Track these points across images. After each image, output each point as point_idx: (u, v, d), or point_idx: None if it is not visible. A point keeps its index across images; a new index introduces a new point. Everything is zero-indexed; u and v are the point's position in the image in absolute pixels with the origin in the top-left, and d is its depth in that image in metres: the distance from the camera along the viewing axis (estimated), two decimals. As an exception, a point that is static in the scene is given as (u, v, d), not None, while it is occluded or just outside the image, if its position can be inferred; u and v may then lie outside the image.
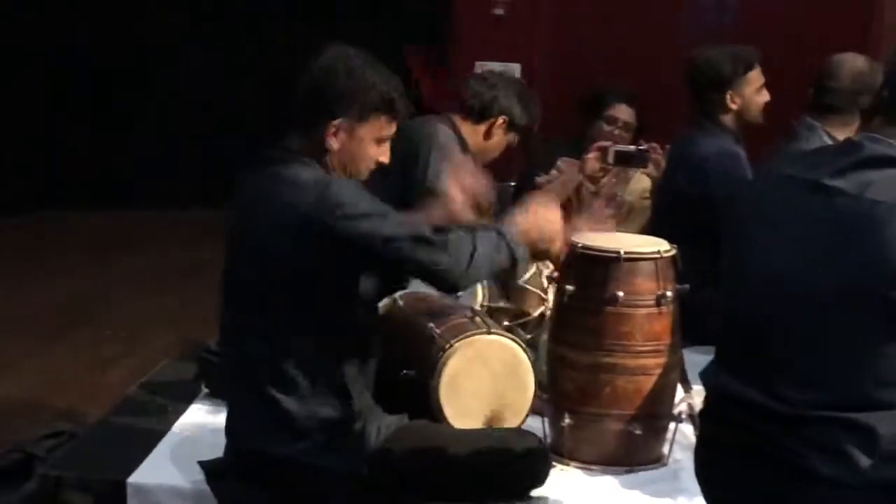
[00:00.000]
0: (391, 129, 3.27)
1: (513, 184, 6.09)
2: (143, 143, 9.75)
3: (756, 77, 5.13)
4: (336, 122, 3.17)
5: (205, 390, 4.27)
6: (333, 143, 3.18)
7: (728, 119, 5.16)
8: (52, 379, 5.40)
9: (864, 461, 2.52)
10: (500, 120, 4.72)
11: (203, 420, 4.06)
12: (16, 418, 4.87)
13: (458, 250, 3.10)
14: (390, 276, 3.57)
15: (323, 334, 3.20)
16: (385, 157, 3.28)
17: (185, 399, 4.23)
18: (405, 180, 4.37)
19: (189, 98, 9.77)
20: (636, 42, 8.36)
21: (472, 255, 3.12)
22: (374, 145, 3.24)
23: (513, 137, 4.82)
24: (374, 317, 3.53)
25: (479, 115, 4.72)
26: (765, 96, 5.15)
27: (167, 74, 9.72)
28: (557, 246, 3.40)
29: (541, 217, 3.36)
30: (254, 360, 3.22)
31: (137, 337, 6.11)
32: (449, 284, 3.24)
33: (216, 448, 3.47)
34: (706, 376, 2.89)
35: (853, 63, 4.82)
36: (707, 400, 2.98)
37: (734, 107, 5.13)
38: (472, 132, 4.71)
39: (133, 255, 8.02)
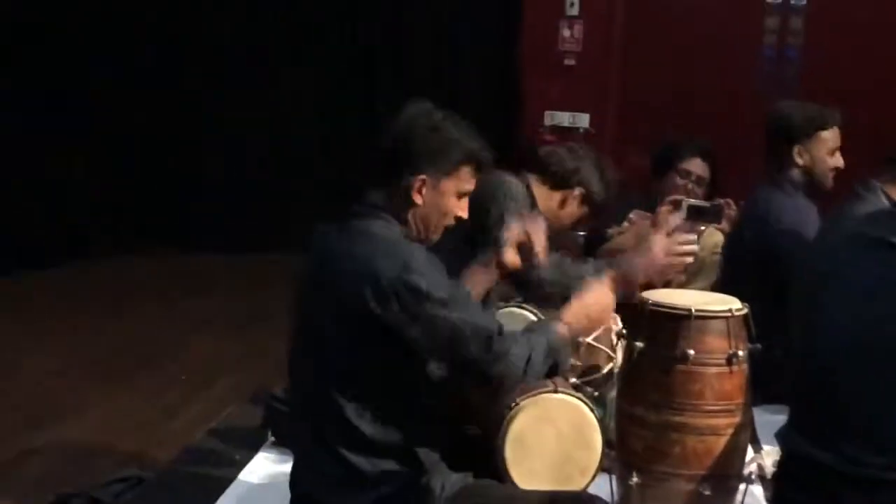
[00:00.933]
0: (473, 184, 3.27)
1: (582, 234, 6.07)
2: (212, 186, 9.81)
3: (829, 138, 5.08)
4: (422, 176, 3.18)
5: (271, 438, 4.27)
6: (418, 198, 3.19)
7: (796, 174, 5.11)
8: (118, 423, 5.41)
9: None
10: (578, 192, 4.65)
11: (269, 469, 4.06)
12: (81, 461, 4.88)
13: (517, 357, 3.14)
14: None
15: (392, 390, 3.19)
16: (464, 212, 3.28)
17: (252, 447, 4.24)
18: (472, 227, 4.33)
19: (257, 142, 9.83)
20: (707, 93, 8.36)
21: (528, 362, 3.15)
22: (455, 199, 3.24)
23: (586, 210, 4.75)
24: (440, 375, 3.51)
25: (559, 182, 4.66)
26: (837, 160, 5.10)
27: (237, 117, 9.77)
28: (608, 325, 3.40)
29: (593, 305, 3.40)
30: (319, 411, 3.21)
31: (203, 382, 6.11)
32: (500, 387, 3.28)
33: (282, 498, 3.45)
34: (781, 437, 2.86)
35: None
36: (781, 462, 2.94)
37: (801, 162, 5.09)
38: (547, 197, 4.65)
39: (199, 300, 8.05)
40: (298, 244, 9.47)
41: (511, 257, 3.79)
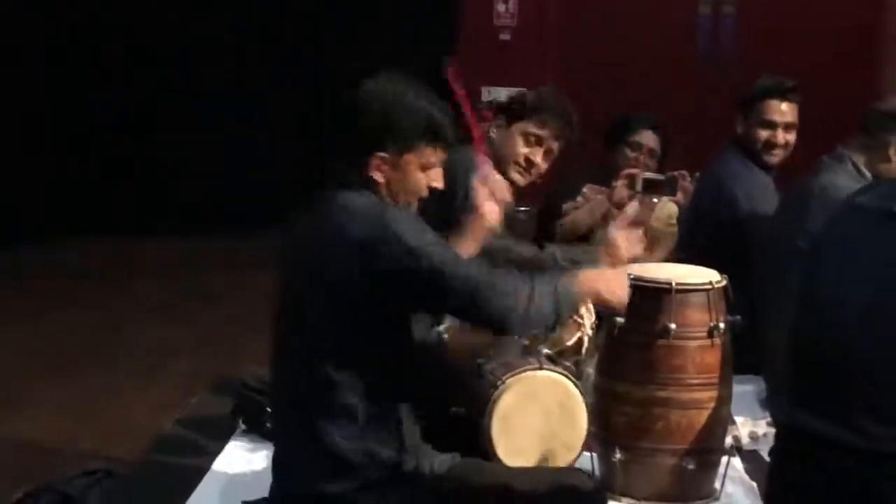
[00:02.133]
0: (438, 156, 3.20)
1: (524, 209, 6.05)
2: (160, 170, 9.69)
3: (763, 109, 5.14)
4: (380, 154, 3.11)
5: (242, 426, 4.20)
6: (378, 176, 3.12)
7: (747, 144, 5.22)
8: (71, 414, 5.30)
9: None
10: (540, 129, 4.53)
11: (243, 457, 4.01)
12: (39, 456, 4.75)
13: (520, 294, 3.04)
14: (439, 312, 3.49)
15: (375, 369, 3.13)
16: (438, 183, 3.21)
17: (223, 435, 4.17)
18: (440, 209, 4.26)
19: (207, 124, 9.70)
20: (645, 65, 8.37)
21: (530, 300, 3.05)
22: (420, 173, 3.18)
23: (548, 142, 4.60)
24: (423, 352, 3.47)
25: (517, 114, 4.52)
26: (768, 131, 5.14)
27: (182, 101, 9.64)
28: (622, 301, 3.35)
29: (609, 283, 3.30)
30: (305, 394, 3.15)
31: (155, 369, 6.02)
32: (505, 330, 3.20)
33: (259, 486, 3.39)
34: (778, 412, 2.85)
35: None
36: (779, 436, 2.93)
37: (739, 131, 5.27)
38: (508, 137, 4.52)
39: (148, 285, 7.94)
40: (247, 228, 9.41)
41: (490, 209, 3.69)
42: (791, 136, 5.18)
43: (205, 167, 9.63)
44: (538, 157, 4.36)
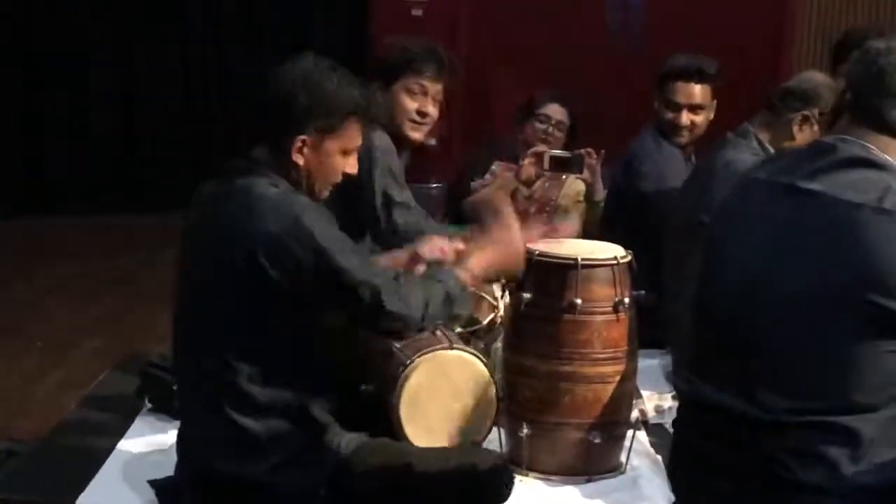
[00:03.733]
0: (359, 140, 3.19)
1: (435, 185, 6.05)
2: (68, 149, 9.53)
3: (671, 90, 5.21)
4: (301, 137, 3.08)
5: (148, 405, 4.17)
6: (299, 159, 3.10)
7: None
8: (-24, 393, 5.24)
9: (849, 466, 2.51)
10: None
11: (149, 436, 3.97)
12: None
13: (417, 300, 3.07)
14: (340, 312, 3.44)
15: (280, 350, 3.12)
16: (352, 168, 3.20)
17: (129, 415, 4.13)
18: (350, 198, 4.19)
19: (116, 103, 9.56)
20: (559, 41, 8.39)
21: (426, 307, 3.08)
22: (341, 157, 3.16)
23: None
24: (332, 331, 3.45)
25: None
26: (673, 112, 5.21)
27: (94, 78, 9.49)
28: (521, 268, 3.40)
29: (502, 251, 3.32)
30: (209, 375, 3.12)
31: (65, 348, 5.93)
32: (400, 334, 3.31)
33: (165, 466, 3.37)
34: (678, 383, 2.87)
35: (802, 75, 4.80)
36: (681, 408, 2.96)
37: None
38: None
39: (54, 264, 7.81)
40: (155, 207, 9.28)
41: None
42: (698, 118, 5.21)
43: (110, 144, 9.53)
44: (428, 107, 4.31)
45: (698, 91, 5.20)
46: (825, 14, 8.29)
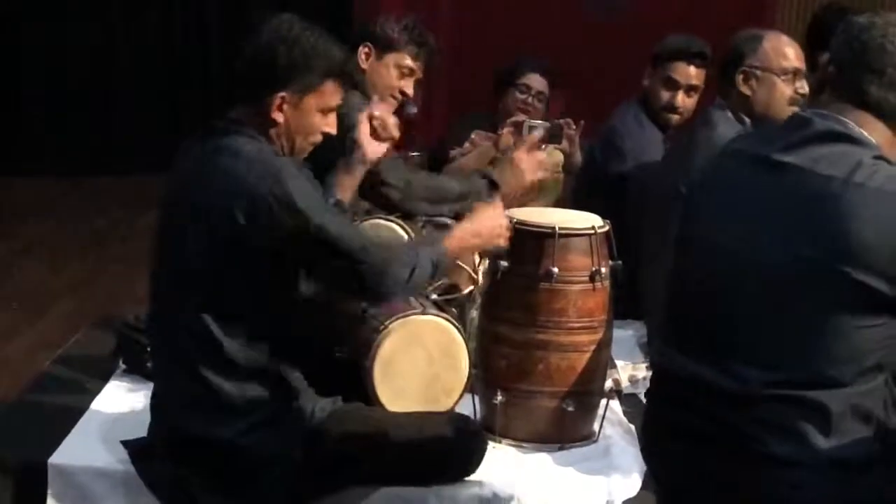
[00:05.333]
0: (338, 99, 3.20)
1: (415, 153, 6.03)
2: (44, 109, 9.49)
3: (671, 68, 5.16)
4: (281, 94, 3.09)
5: (122, 366, 4.16)
6: (279, 117, 3.11)
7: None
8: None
9: (820, 440, 2.53)
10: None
11: (123, 397, 3.95)
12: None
13: (401, 268, 3.12)
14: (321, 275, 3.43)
15: (255, 320, 3.14)
16: (331, 128, 3.21)
17: (103, 375, 4.11)
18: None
19: (94, 62, 9.52)
20: (538, 15, 8.39)
21: (412, 274, 3.13)
22: (320, 116, 3.17)
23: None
24: (306, 295, 3.45)
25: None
26: (670, 91, 5.18)
27: (71, 35, 9.44)
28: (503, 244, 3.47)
29: (485, 226, 3.41)
30: (185, 337, 3.13)
31: (39, 308, 5.94)
32: (384, 299, 3.31)
33: (139, 427, 3.38)
34: (654, 353, 2.88)
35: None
36: (654, 378, 2.97)
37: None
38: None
39: (29, 224, 7.80)
40: (132, 168, 9.31)
41: (372, 148, 3.69)
42: (691, 101, 5.19)
43: (86, 107, 9.46)
44: (410, 89, 4.35)
45: (697, 73, 5.19)
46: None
